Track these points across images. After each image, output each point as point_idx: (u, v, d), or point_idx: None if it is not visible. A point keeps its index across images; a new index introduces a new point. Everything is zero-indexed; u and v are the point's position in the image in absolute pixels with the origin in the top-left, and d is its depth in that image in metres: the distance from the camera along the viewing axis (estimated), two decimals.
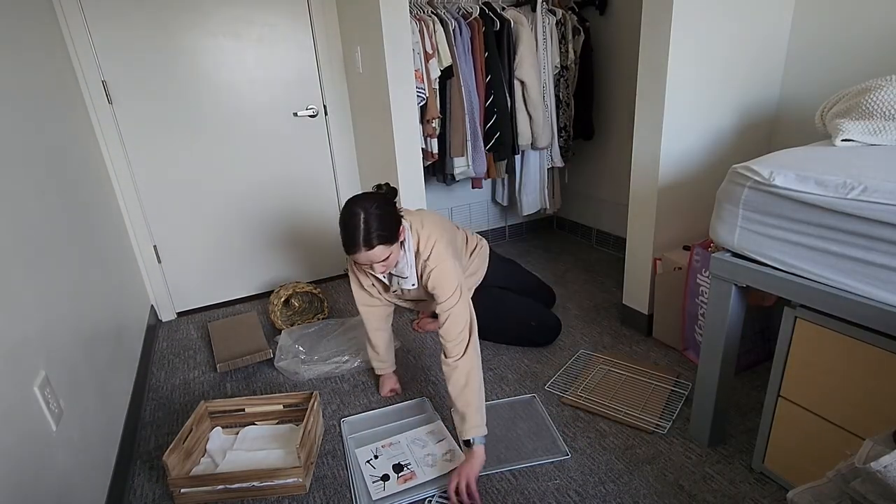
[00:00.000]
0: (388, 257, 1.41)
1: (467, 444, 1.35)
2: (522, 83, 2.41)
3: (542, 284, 2.21)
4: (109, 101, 2.13)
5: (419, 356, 2.00)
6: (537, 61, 2.40)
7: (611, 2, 2.53)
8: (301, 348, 2.01)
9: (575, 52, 2.52)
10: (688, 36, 1.62)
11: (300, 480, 1.36)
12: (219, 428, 1.60)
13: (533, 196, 2.72)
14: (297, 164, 2.56)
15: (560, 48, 2.47)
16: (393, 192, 1.51)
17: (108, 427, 1.44)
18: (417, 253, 1.51)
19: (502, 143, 2.43)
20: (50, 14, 1.89)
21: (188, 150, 2.32)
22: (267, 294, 2.67)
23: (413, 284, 1.56)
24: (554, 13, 2.42)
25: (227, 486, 1.35)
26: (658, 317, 1.94)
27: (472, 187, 2.60)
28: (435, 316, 1.83)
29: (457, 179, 2.47)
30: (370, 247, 1.36)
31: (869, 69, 1.60)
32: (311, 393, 1.58)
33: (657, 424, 1.51)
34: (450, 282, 1.45)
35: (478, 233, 3.08)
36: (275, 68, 2.38)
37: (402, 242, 1.47)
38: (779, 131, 1.91)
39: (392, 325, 1.81)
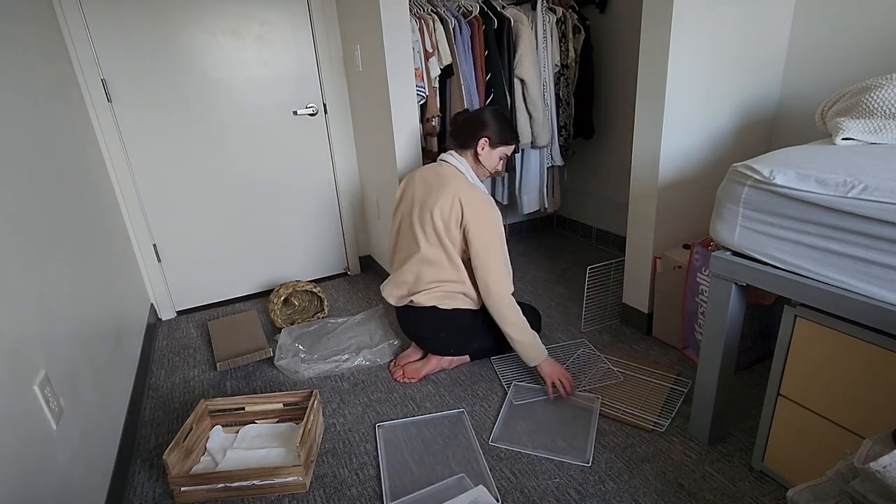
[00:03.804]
0: None
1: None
2: (522, 82, 2.40)
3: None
4: (109, 100, 2.13)
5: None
6: (537, 60, 2.39)
7: (611, 0, 2.53)
8: (301, 347, 2.01)
9: (575, 50, 2.52)
10: (688, 35, 1.62)
11: (300, 479, 1.36)
12: (219, 426, 1.61)
13: (533, 195, 2.72)
14: (297, 162, 2.56)
15: (560, 46, 2.47)
16: None
17: (109, 425, 1.44)
18: None
19: None
20: (49, 12, 1.88)
21: (188, 148, 2.32)
22: (267, 293, 2.67)
23: None
24: (554, 11, 2.41)
25: (228, 484, 1.35)
26: (658, 315, 1.94)
27: None
28: (422, 357, 1.88)
29: None
30: None
31: (869, 68, 1.60)
32: (311, 391, 1.58)
33: (656, 423, 1.51)
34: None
35: None
36: (274, 66, 2.38)
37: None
38: (779, 130, 1.91)
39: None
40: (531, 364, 1.68)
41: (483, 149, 1.72)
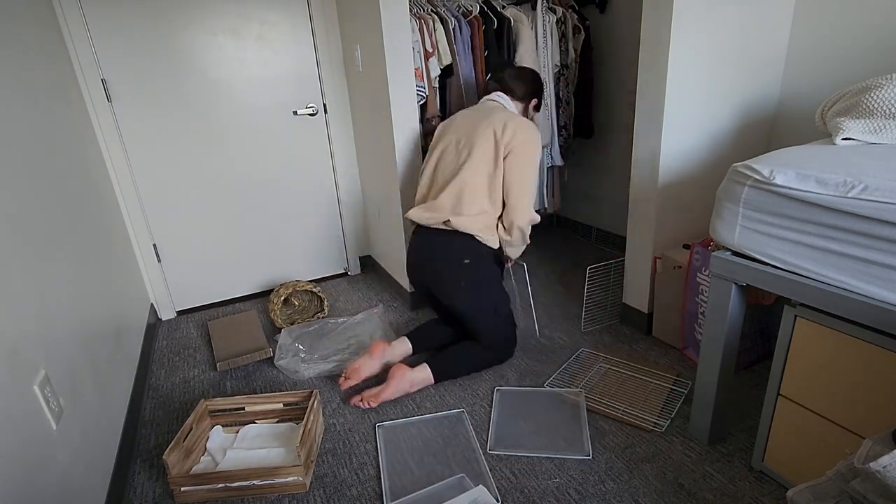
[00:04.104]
0: None
1: None
2: None
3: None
4: (109, 100, 2.13)
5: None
6: (537, 60, 2.39)
7: (611, 0, 2.53)
8: (301, 347, 2.01)
9: (575, 50, 2.52)
10: (688, 35, 1.62)
11: (300, 479, 1.36)
12: (219, 426, 1.61)
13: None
14: (297, 162, 2.56)
15: (560, 47, 2.47)
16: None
17: (109, 425, 1.44)
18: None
19: None
20: (49, 12, 1.88)
21: (188, 148, 2.32)
22: (267, 293, 2.67)
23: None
24: (554, 11, 2.41)
25: (228, 484, 1.35)
26: (658, 315, 1.94)
27: None
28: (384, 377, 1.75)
29: None
30: None
31: (869, 68, 1.60)
32: (311, 391, 1.58)
33: (656, 423, 1.51)
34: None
35: None
36: (274, 66, 2.38)
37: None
38: (779, 130, 1.91)
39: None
40: (513, 257, 1.87)
41: (531, 108, 1.92)
